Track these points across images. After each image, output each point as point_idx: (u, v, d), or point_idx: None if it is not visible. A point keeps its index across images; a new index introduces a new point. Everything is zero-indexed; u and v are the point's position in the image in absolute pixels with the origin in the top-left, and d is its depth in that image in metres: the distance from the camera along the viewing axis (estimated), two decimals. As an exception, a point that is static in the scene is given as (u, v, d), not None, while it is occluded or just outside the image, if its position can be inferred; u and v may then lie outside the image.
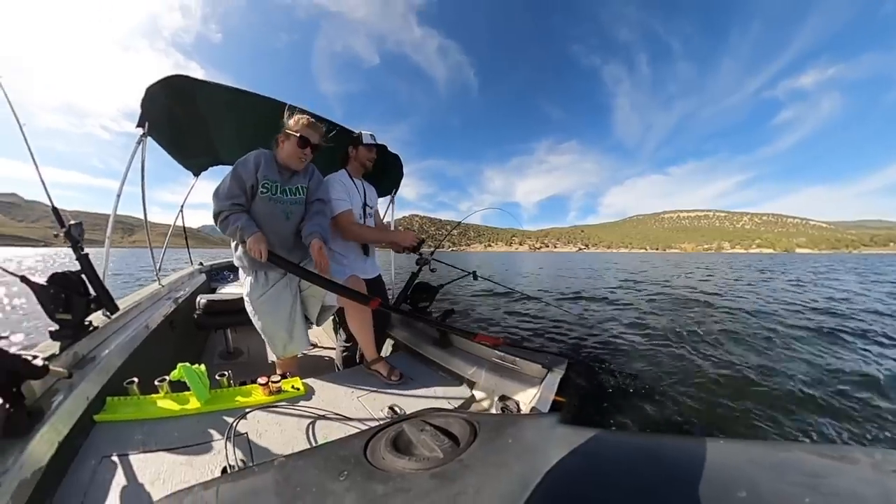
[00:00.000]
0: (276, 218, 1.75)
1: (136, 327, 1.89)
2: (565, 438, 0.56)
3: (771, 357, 4.36)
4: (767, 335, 5.34)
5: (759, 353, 4.50)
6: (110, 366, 1.53)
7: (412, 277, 2.69)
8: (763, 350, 4.65)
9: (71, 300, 1.42)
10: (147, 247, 2.96)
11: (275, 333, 1.81)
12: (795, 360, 4.23)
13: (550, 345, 5.13)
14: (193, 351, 2.90)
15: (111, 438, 1.23)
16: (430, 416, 0.73)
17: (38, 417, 1.04)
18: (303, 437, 1.32)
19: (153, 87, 1.93)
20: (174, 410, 1.41)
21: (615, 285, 13.65)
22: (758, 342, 4.99)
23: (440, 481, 0.51)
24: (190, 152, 2.82)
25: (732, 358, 4.24)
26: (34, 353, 1.12)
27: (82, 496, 0.99)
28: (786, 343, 4.95)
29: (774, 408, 2.96)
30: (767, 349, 4.68)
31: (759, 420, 2.79)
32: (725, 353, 4.44)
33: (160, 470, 1.11)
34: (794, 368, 3.89)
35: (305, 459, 0.62)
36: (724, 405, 3.02)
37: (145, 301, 2.26)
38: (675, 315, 7.13)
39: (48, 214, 1.55)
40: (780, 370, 3.84)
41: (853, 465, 0.45)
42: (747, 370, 3.83)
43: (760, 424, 2.73)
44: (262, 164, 1.70)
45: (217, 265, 4.55)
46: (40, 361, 1.04)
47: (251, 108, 2.20)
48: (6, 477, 0.84)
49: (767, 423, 2.75)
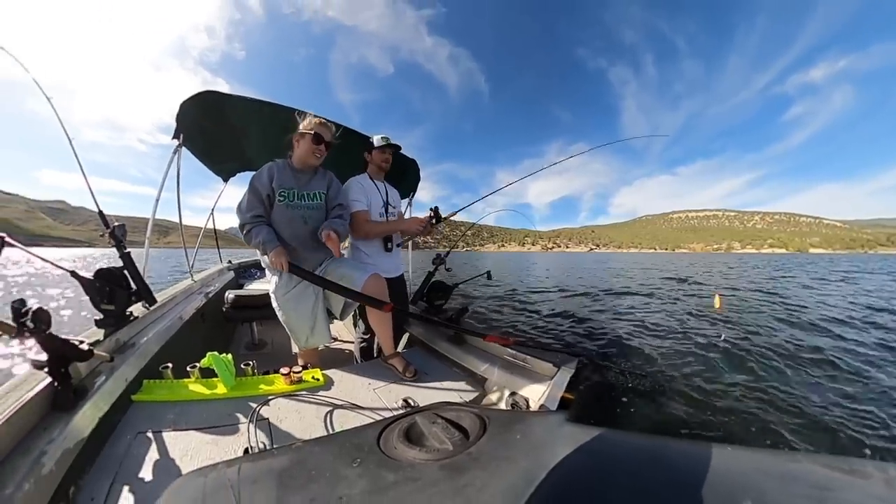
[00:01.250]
0: (295, 223, 1.82)
1: (171, 318, 2.02)
2: (572, 436, 0.55)
3: (805, 367, 3.93)
4: (802, 344, 4.80)
5: (794, 362, 4.07)
6: (147, 352, 1.63)
7: (428, 276, 2.71)
8: (798, 360, 4.18)
9: (114, 293, 1.56)
10: (181, 247, 3.18)
11: (298, 328, 1.87)
12: (839, 370, 3.78)
13: (561, 342, 5.04)
14: (222, 341, 3.01)
15: (146, 416, 1.30)
16: (442, 410, 0.74)
17: (82, 395, 1.14)
18: (320, 425, 1.35)
19: (186, 103, 2.08)
20: (203, 394, 1.48)
21: (655, 284, 12.97)
22: (792, 349, 4.52)
23: (449, 472, 0.52)
24: (220, 160, 2.99)
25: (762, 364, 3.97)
26: (81, 338, 1.20)
27: (118, 466, 1.06)
28: (828, 352, 4.37)
29: (802, 421, 2.72)
30: (802, 358, 4.21)
31: (778, 432, 2.60)
32: (754, 359, 4.16)
33: (189, 447, 1.17)
34: (839, 379, 3.50)
35: (322, 445, 0.63)
36: (743, 413, 2.85)
37: (179, 295, 2.42)
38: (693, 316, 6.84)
39: (92, 218, 1.68)
40: (816, 382, 3.47)
41: (865, 480, 0.42)
42: (777, 380, 3.53)
43: (781, 437, 2.56)
44: (276, 174, 1.78)
45: (244, 263, 4.72)
46: (86, 346, 1.13)
47: (274, 117, 2.31)
48: (52, 445, 0.92)
49: (791, 437, 2.56)
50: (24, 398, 0.98)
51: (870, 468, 0.44)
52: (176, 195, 2.57)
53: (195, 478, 0.54)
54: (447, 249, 3.06)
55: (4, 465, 0.83)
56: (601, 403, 2.96)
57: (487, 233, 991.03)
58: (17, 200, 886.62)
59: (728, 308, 7.67)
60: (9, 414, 0.90)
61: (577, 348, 4.77)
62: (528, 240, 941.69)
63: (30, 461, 0.86)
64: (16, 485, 0.79)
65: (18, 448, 0.89)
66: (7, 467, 0.83)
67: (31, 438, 0.93)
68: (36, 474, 0.85)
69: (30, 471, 0.84)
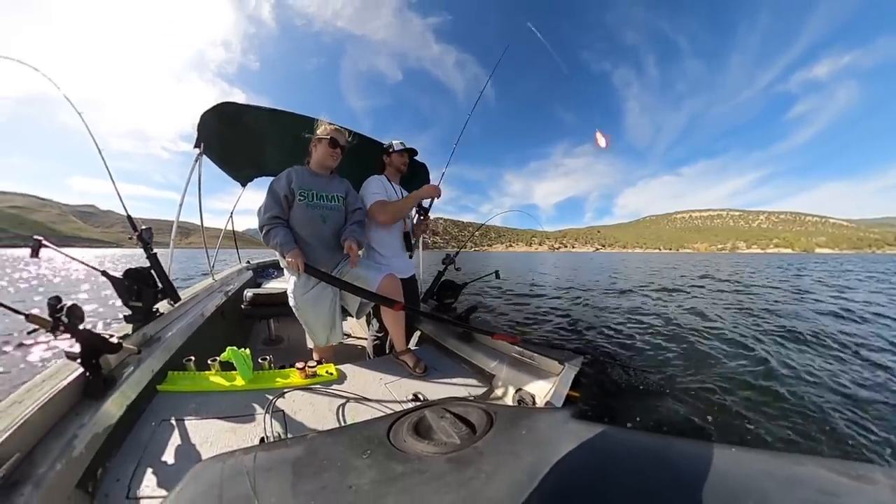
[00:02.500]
0: (315, 221, 1.87)
1: (193, 315, 2.09)
2: (576, 433, 0.55)
3: (824, 365, 3.75)
4: (820, 341, 4.62)
5: (810, 362, 3.88)
6: (172, 345, 1.70)
7: (439, 275, 2.72)
8: (817, 359, 4.00)
9: (142, 291, 1.64)
10: (202, 247, 3.30)
11: (315, 326, 1.92)
12: (858, 371, 3.57)
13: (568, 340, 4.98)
14: (240, 337, 3.09)
15: (170, 405, 1.36)
16: (451, 405, 0.74)
17: (111, 384, 1.20)
18: (333, 417, 1.38)
19: (206, 114, 2.16)
20: (223, 386, 1.53)
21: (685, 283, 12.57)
22: (811, 347, 4.35)
23: (455, 465, 0.52)
24: (238, 166, 3.09)
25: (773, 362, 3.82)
26: (111, 332, 1.27)
27: (142, 450, 1.11)
28: (851, 352, 4.20)
29: (815, 424, 2.59)
30: (824, 357, 4.03)
31: (789, 434, 2.47)
32: (763, 356, 4.02)
33: (208, 435, 1.22)
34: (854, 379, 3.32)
35: (334, 437, 0.65)
36: (750, 412, 2.73)
37: (201, 293, 2.50)
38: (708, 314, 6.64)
39: (119, 221, 1.77)
40: (833, 383, 3.29)
41: (872, 486, 0.40)
42: (787, 377, 3.39)
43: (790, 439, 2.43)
44: (295, 177, 1.85)
45: (262, 263, 4.82)
46: (115, 339, 1.20)
47: (289, 125, 2.37)
48: (83, 430, 0.98)
49: (803, 439, 2.43)
50: (58, 386, 1.04)
51: (878, 474, 0.42)
52: (197, 199, 2.67)
53: (214, 463, 0.56)
54: (456, 249, 3.06)
55: (39, 446, 0.89)
56: (607, 400, 2.92)
57: (495, 233, 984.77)
58: (50, 205, 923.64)
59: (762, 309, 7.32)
60: (44, 400, 0.96)
61: (584, 346, 4.71)
62: (536, 240, 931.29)
63: (62, 443, 0.91)
64: (49, 464, 0.84)
65: (52, 431, 0.95)
66: (42, 449, 0.88)
67: (63, 423, 0.99)
68: (67, 456, 0.90)
69: (62, 452, 0.89)
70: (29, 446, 0.88)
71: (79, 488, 0.92)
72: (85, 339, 1.11)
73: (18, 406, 0.93)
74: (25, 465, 0.83)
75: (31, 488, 0.78)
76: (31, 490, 0.78)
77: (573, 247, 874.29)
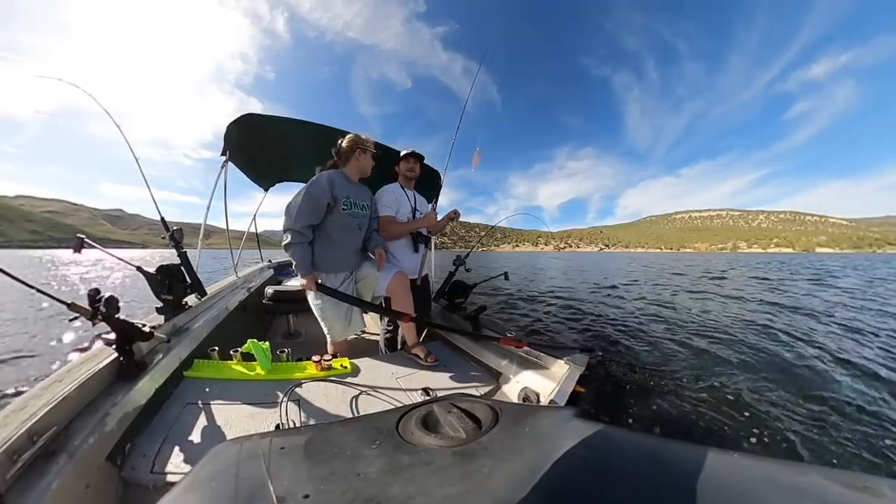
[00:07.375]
0: (352, 229, 1.89)
1: (218, 308, 2.16)
2: (577, 431, 0.54)
3: (829, 369, 3.51)
4: (824, 342, 4.35)
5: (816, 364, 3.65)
6: (198, 335, 1.75)
7: (449, 276, 2.71)
8: (819, 360, 3.76)
9: (172, 285, 1.71)
10: (223, 248, 3.41)
11: (333, 322, 1.93)
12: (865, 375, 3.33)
13: (575, 339, 4.89)
14: (261, 330, 3.15)
15: (195, 390, 1.40)
16: (458, 400, 0.73)
17: (142, 369, 1.24)
18: (346, 408, 1.38)
19: (231, 125, 2.26)
20: (244, 375, 1.56)
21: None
22: (814, 349, 4.10)
23: (459, 459, 0.51)
24: (261, 172, 3.20)
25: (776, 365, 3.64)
26: (144, 322, 1.31)
27: (168, 430, 1.15)
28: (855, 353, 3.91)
29: (823, 430, 2.44)
30: (826, 359, 3.78)
31: (793, 439, 2.34)
32: (766, 357, 3.84)
33: (229, 419, 1.25)
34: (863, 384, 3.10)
35: (345, 427, 0.65)
36: (753, 416, 2.62)
37: (226, 289, 2.59)
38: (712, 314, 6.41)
39: (145, 224, 1.85)
40: (841, 387, 3.08)
41: (877, 499, 0.37)
42: (794, 382, 3.19)
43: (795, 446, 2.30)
44: (337, 184, 1.77)
45: (283, 262, 4.92)
46: (147, 329, 1.25)
47: (306, 133, 2.46)
48: (115, 409, 1.03)
49: (808, 446, 2.30)
50: (94, 368, 1.09)
51: (884, 487, 0.39)
52: (223, 203, 2.75)
53: (232, 445, 0.57)
54: (467, 251, 3.05)
55: (75, 421, 0.94)
56: (612, 399, 2.85)
57: (501, 234, 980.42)
58: (82, 209, 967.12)
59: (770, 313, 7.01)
60: (82, 379, 1.01)
61: (590, 344, 4.62)
62: (541, 240, 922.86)
63: (96, 420, 0.96)
64: (83, 438, 0.89)
65: (88, 409, 0.99)
66: (77, 423, 0.93)
67: (98, 401, 1.04)
68: (100, 431, 0.94)
69: (95, 427, 0.94)
70: (66, 420, 0.92)
71: (108, 461, 0.96)
72: (120, 327, 1.16)
73: (58, 385, 0.98)
74: (62, 437, 0.87)
75: (65, 458, 0.83)
76: (66, 459, 0.82)
77: (578, 247, 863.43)
